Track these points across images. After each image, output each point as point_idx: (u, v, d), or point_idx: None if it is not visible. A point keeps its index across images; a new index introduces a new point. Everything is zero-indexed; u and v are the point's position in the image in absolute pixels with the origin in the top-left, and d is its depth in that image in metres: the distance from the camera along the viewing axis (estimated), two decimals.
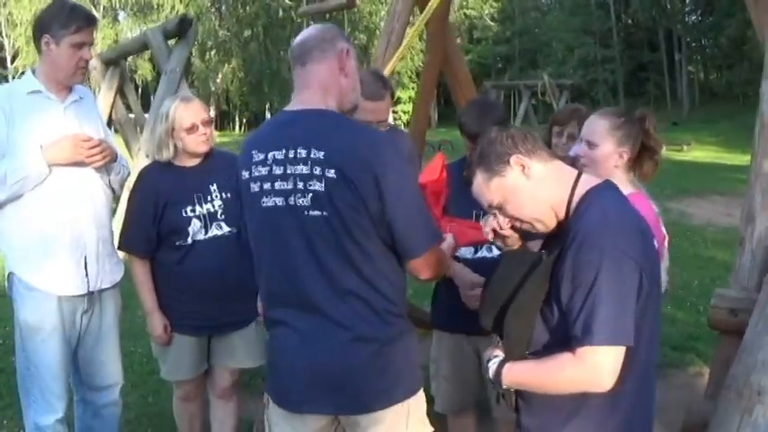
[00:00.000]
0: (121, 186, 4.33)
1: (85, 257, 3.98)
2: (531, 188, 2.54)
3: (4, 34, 57.09)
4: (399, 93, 44.49)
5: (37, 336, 3.93)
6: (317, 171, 2.67)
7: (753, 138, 3.91)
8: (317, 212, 2.69)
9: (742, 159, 5.51)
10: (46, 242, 3.88)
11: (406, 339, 2.93)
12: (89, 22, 3.91)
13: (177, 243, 4.15)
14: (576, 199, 2.50)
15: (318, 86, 2.82)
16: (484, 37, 66.51)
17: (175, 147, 4.16)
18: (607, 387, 2.34)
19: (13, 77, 62.28)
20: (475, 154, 2.66)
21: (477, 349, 3.93)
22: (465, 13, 59.11)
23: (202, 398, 4.66)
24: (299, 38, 2.94)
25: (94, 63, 14.26)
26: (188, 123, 4.09)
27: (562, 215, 2.53)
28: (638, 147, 3.41)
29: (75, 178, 3.92)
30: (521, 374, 2.53)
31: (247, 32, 37.95)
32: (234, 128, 72.17)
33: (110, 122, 13.04)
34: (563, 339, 2.39)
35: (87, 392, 4.30)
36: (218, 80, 44.25)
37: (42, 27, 3.84)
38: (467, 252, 3.94)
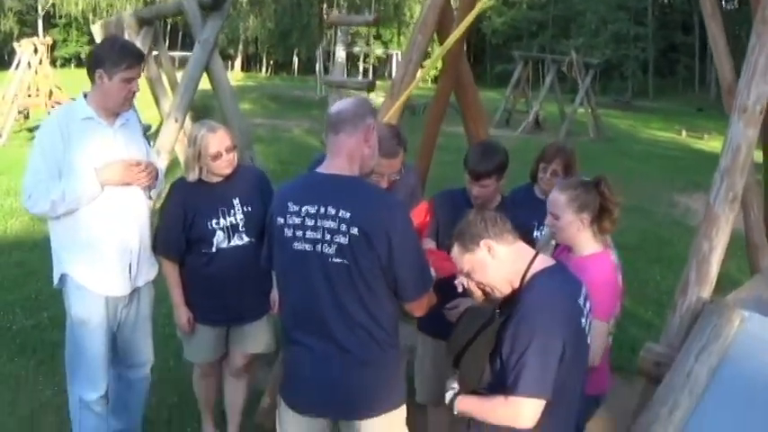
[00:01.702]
0: (158, 197, 4.91)
1: (130, 263, 4.59)
2: (494, 265, 3.24)
3: None
4: None
5: (85, 327, 4.56)
6: (343, 228, 3.32)
7: None
8: (339, 260, 3.35)
9: (762, 157, 5.84)
10: (97, 249, 4.47)
11: (397, 363, 3.67)
12: (138, 59, 4.44)
13: (203, 250, 4.76)
14: (529, 275, 3.19)
15: (346, 155, 3.46)
16: (519, 0, 66.17)
17: (201, 169, 4.71)
18: (527, 426, 3.07)
19: (43, 8, 62.70)
20: (456, 229, 3.33)
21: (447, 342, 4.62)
22: None
23: (219, 375, 5.35)
24: (335, 108, 3.58)
25: (129, 20, 14.69)
26: (213, 151, 4.63)
27: (517, 285, 3.22)
28: (596, 208, 3.94)
29: (122, 193, 4.47)
30: (468, 407, 3.28)
31: None
32: (260, 70, 72.46)
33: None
34: (503, 383, 3.09)
35: (123, 369, 4.95)
36: (249, 28, 44.39)
37: (96, 62, 4.34)
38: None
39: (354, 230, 3.31)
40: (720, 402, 3.63)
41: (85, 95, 4.51)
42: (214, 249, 4.75)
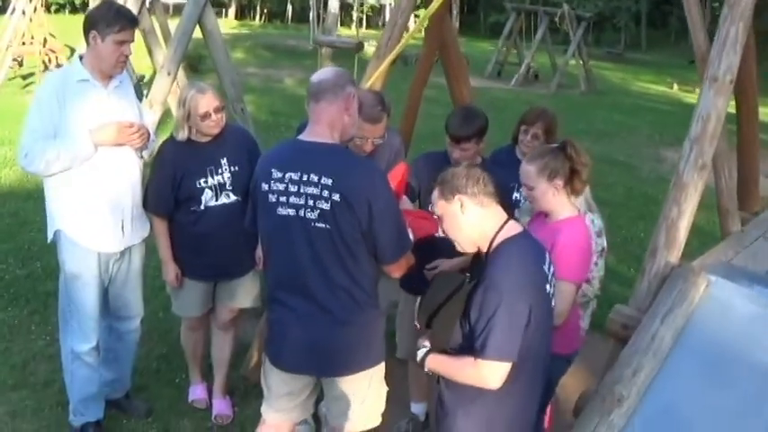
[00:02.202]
0: (149, 156, 5.03)
1: (122, 220, 4.75)
2: (461, 220, 3.41)
3: None
4: None
5: (78, 281, 4.73)
6: (325, 194, 3.49)
7: None
8: (321, 225, 3.53)
9: (761, 112, 5.80)
10: (90, 207, 4.63)
11: (376, 323, 3.87)
12: (131, 23, 4.56)
13: (192, 208, 4.91)
14: (497, 240, 3.35)
15: (327, 123, 3.62)
16: None
17: (190, 129, 4.85)
18: (495, 387, 3.26)
19: None
20: (442, 175, 3.51)
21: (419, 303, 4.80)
22: None
23: (206, 328, 5.55)
24: (316, 77, 3.73)
25: None
26: (202, 111, 4.76)
27: (484, 249, 3.40)
28: (567, 171, 4.08)
29: (115, 153, 4.63)
30: (438, 365, 3.48)
31: None
32: (254, 18, 71.86)
33: None
34: (471, 344, 3.28)
35: (114, 322, 5.14)
36: None
37: (91, 24, 4.47)
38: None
39: (336, 197, 3.47)
40: (684, 365, 3.76)
41: (81, 57, 4.62)
42: (202, 207, 4.91)
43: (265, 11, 69.43)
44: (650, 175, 14.97)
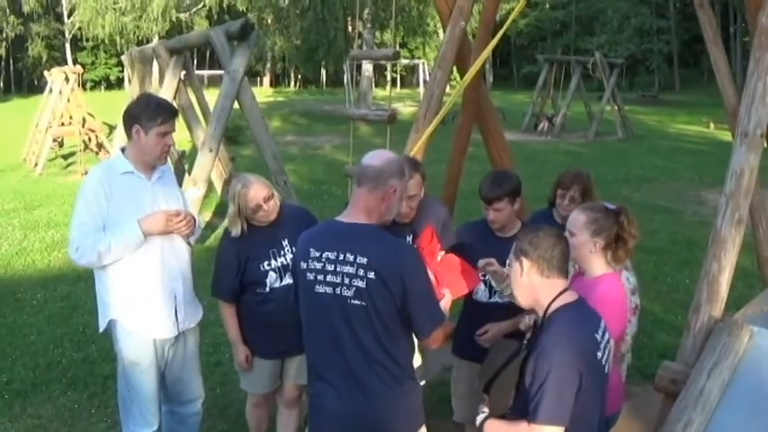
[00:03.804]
0: (196, 241, 5.19)
1: (176, 307, 4.89)
2: (520, 281, 3.55)
3: None
4: None
5: (136, 369, 4.84)
6: (361, 272, 3.62)
7: None
8: (357, 302, 3.65)
9: None
10: (143, 295, 4.75)
11: (413, 395, 3.93)
12: (172, 115, 4.73)
13: (258, 291, 5.05)
14: (551, 309, 3.48)
15: (363, 209, 3.75)
16: (542, 1, 66.11)
17: (245, 221, 4.97)
18: None
19: (70, 32, 63.32)
20: (526, 230, 3.73)
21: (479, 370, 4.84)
22: None
23: (272, 405, 5.63)
24: (366, 159, 3.84)
25: (160, 50, 15.09)
26: (253, 204, 4.89)
27: (540, 313, 3.53)
28: (612, 236, 4.17)
29: (164, 241, 4.76)
30: (495, 429, 3.57)
31: (305, 1, 38.21)
32: (289, 85, 72.94)
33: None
34: (526, 409, 3.38)
35: (175, 406, 5.24)
36: (276, 44, 44.57)
37: (132, 119, 4.61)
38: (483, 296, 5.01)
39: (371, 275, 3.60)
40: (732, 416, 3.84)
41: (123, 150, 4.80)
42: (268, 289, 5.04)
43: (299, 77, 70.53)
44: (693, 218, 14.95)
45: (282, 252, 5.05)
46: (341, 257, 3.66)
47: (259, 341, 5.18)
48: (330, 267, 3.69)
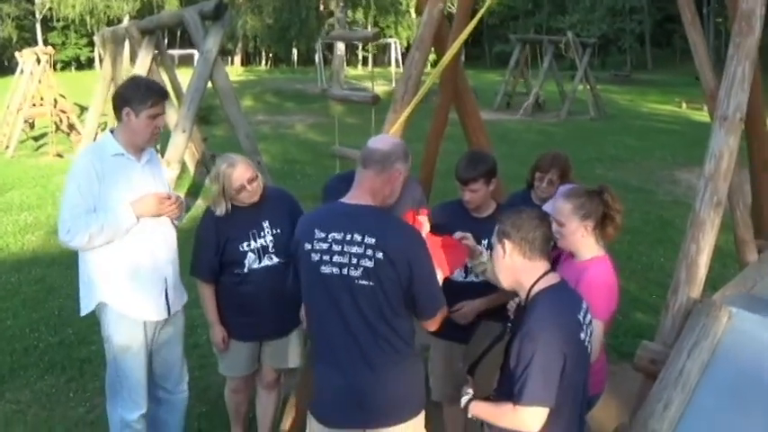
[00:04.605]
0: (180, 223, 5.17)
1: (166, 289, 4.90)
2: (503, 263, 3.59)
3: None
4: None
5: (127, 352, 4.84)
6: (369, 252, 3.66)
7: None
8: (364, 282, 3.69)
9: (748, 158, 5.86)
10: (135, 277, 4.75)
11: (416, 370, 4.00)
12: (162, 96, 4.74)
13: (236, 271, 5.06)
14: (534, 291, 3.52)
15: (369, 190, 3.81)
16: None
17: (227, 202, 4.98)
18: (533, 430, 3.39)
19: (41, 12, 62.78)
20: (508, 212, 3.69)
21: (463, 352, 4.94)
22: None
23: (251, 387, 5.65)
24: (372, 142, 3.92)
25: (132, 31, 14.98)
26: (237, 185, 4.92)
27: (523, 295, 3.58)
28: (599, 216, 4.23)
29: (154, 223, 4.78)
30: (480, 411, 3.63)
31: None
32: (260, 64, 72.64)
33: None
34: (511, 391, 3.42)
35: (162, 388, 5.23)
36: (248, 25, 44.41)
37: (123, 101, 4.62)
38: (459, 276, 4.99)
39: (380, 255, 3.65)
40: (712, 397, 3.90)
41: (112, 131, 4.80)
42: (246, 270, 5.06)
43: (270, 56, 70.25)
44: (666, 198, 15.13)
45: (262, 233, 5.07)
46: (348, 238, 3.71)
47: (236, 323, 5.19)
48: (337, 248, 3.74)
